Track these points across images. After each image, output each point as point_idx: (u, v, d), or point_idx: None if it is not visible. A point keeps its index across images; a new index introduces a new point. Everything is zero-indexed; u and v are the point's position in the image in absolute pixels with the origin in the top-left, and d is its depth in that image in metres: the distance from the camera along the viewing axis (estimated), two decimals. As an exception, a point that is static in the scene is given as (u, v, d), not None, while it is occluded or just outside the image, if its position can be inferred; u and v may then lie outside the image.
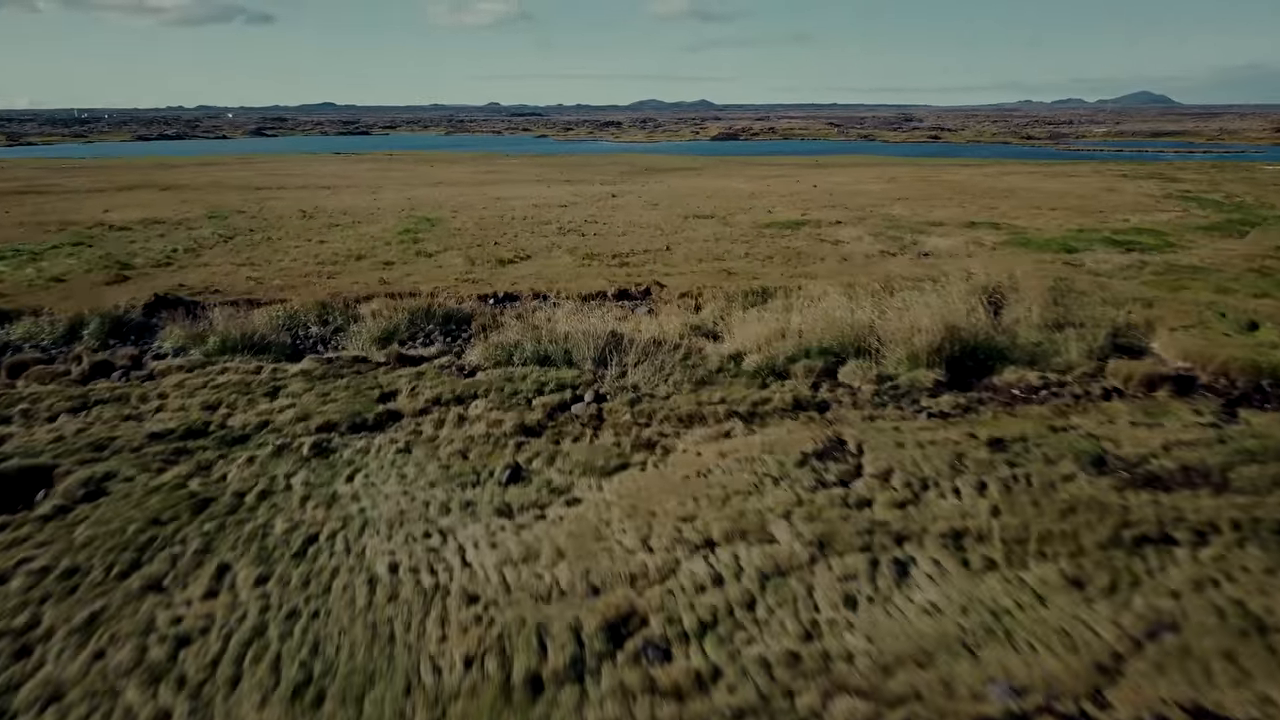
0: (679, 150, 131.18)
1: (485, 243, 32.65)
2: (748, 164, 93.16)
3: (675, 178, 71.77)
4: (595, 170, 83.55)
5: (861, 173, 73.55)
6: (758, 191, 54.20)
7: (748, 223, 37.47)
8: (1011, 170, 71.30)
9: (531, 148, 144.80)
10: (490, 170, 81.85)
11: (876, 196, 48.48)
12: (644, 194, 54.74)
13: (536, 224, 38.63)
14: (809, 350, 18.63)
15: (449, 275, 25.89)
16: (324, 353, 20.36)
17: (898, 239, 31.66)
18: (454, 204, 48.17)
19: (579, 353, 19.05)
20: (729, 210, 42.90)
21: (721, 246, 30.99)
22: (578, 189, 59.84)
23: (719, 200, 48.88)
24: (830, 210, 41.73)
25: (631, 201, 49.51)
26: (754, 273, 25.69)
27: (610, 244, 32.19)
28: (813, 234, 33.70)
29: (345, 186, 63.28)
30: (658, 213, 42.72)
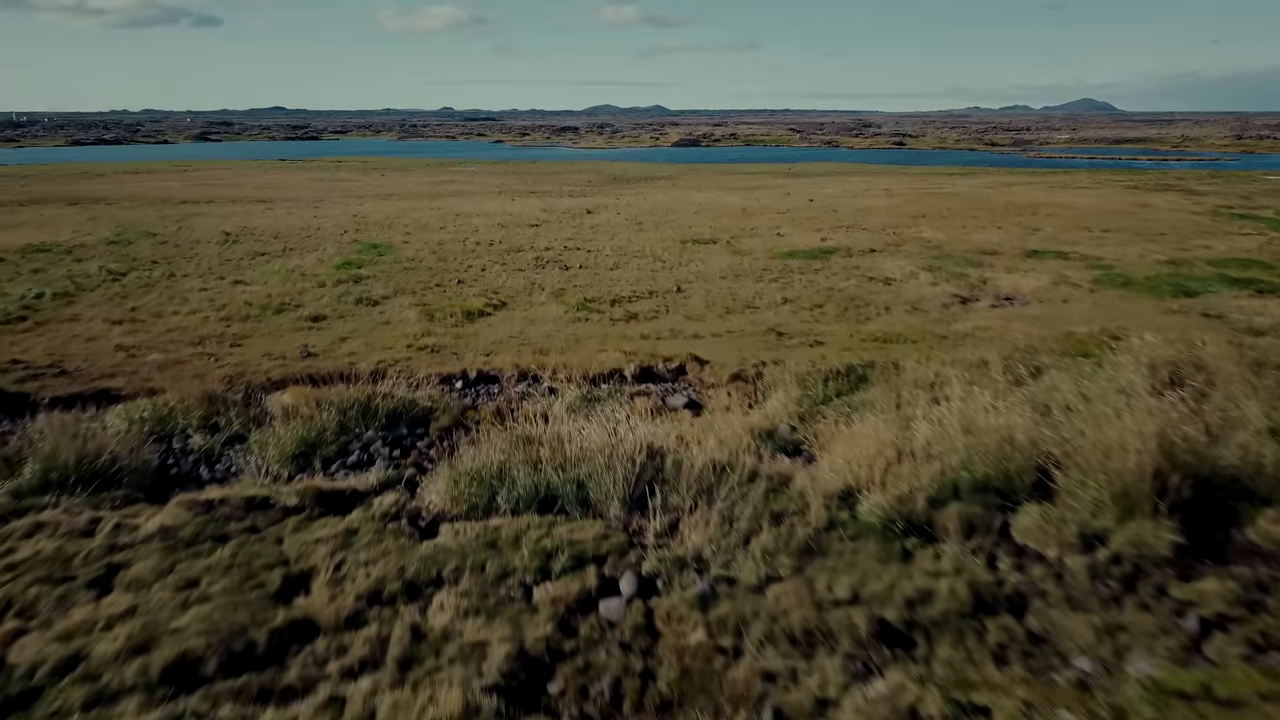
0: (642, 157, 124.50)
1: (446, 281, 25.54)
2: (720, 172, 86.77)
3: (650, 189, 64.97)
4: (561, 180, 76.46)
5: (849, 183, 67.46)
6: (750, 207, 47.63)
7: (762, 250, 30.81)
8: (1012, 181, 65.71)
9: (488, 154, 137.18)
10: (446, 180, 74.37)
11: (889, 214, 42.20)
12: (623, 209, 47.91)
13: (508, 251, 31.58)
14: (957, 485, 11.93)
15: (399, 339, 18.76)
16: (206, 482, 13.18)
17: (959, 276, 25.21)
18: (407, 223, 40.86)
19: (600, 488, 12.14)
20: (731, 232, 36.24)
21: (746, 287, 24.25)
22: (546, 203, 52.81)
23: (712, 218, 42.22)
24: (849, 233, 35.28)
25: (612, 219, 42.63)
26: (810, 332, 18.97)
27: (604, 282, 25.30)
28: (849, 267, 27.12)
29: (283, 200, 55.50)
30: (648, 236, 35.91)
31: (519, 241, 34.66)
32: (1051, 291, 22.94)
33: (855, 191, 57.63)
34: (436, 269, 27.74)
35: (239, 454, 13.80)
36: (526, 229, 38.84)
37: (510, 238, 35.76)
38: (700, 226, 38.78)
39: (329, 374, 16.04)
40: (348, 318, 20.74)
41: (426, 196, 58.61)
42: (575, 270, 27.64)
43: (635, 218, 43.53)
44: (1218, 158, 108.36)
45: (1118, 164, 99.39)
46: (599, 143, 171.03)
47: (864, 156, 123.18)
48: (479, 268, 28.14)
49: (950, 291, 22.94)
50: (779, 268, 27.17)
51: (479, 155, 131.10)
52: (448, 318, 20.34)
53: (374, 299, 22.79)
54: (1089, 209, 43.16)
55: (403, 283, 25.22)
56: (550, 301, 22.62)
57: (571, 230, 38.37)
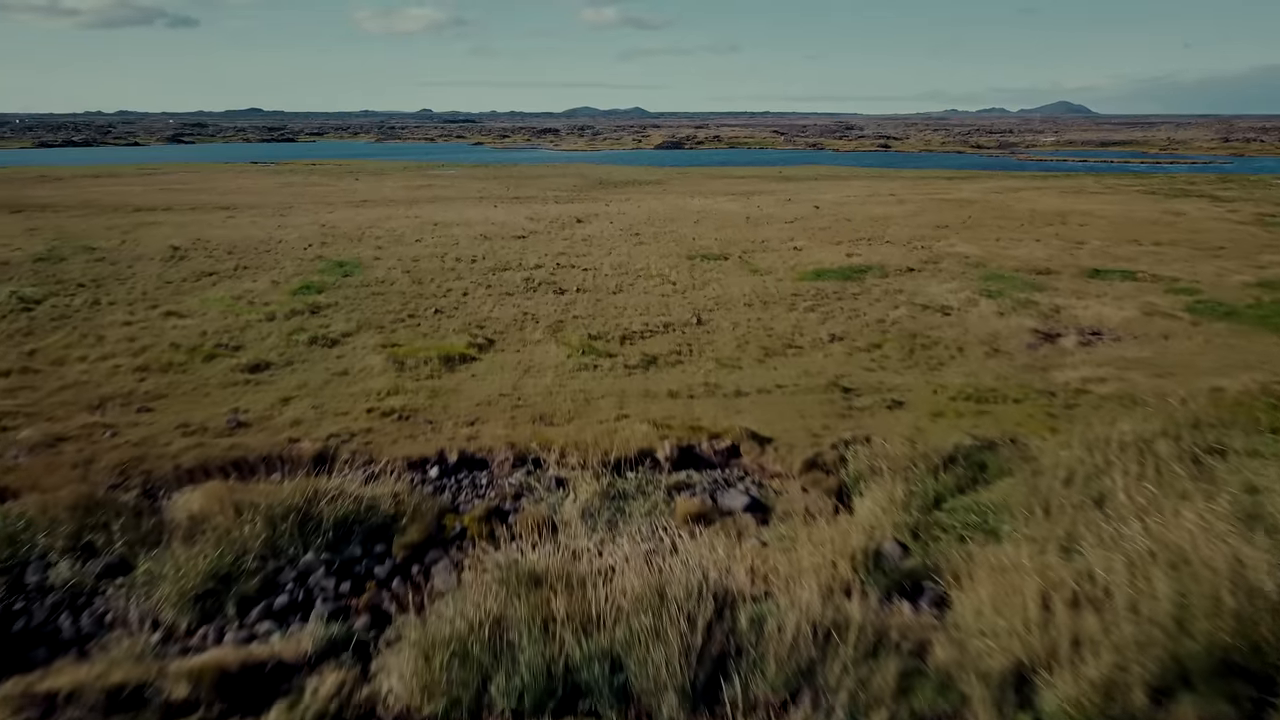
0: (626, 160, 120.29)
1: (420, 311, 21.31)
2: (710, 176, 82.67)
3: (641, 194, 60.80)
4: (545, 184, 72.12)
5: (849, 188, 63.60)
6: (754, 215, 43.59)
7: (784, 269, 26.77)
8: (1019, 186, 62.10)
9: (467, 156, 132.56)
10: (424, 185, 69.82)
11: (908, 223, 38.31)
12: (616, 218, 43.75)
13: (493, 270, 27.35)
14: (1183, 663, 7.94)
15: (358, 398, 14.51)
16: (66, 643, 8.97)
17: (1027, 304, 21.24)
18: (379, 234, 36.50)
19: (646, 670, 8.01)
20: (741, 245, 32.17)
21: (780, 318, 20.17)
22: (532, 210, 48.55)
23: (715, 229, 38.16)
24: (874, 247, 31.30)
25: (606, 230, 38.46)
26: (880, 386, 14.90)
27: (608, 311, 21.17)
28: (891, 291, 23.13)
29: (248, 207, 50.89)
30: (649, 250, 31.78)
31: (505, 257, 30.42)
32: (1145, 324, 19.01)
33: (860, 197, 53.76)
34: (410, 294, 23.47)
35: (120, 592, 9.57)
36: (513, 241, 34.59)
37: (495, 252, 31.51)
38: (705, 239, 34.69)
39: (261, 458, 11.80)
40: (296, 365, 16.42)
41: (403, 203, 54.18)
42: (572, 295, 23.48)
43: (631, 227, 39.41)
44: (1210, 160, 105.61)
45: (1113, 167, 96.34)
46: (580, 145, 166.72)
47: (852, 159, 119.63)
48: (460, 292, 23.90)
49: (1027, 325, 18.95)
50: (810, 292, 23.13)
51: (458, 158, 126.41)
52: (421, 366, 16.09)
53: (332, 337, 18.48)
54: (1120, 218, 39.46)
55: (369, 313, 20.93)
56: (547, 339, 18.43)
57: (563, 243, 34.18)
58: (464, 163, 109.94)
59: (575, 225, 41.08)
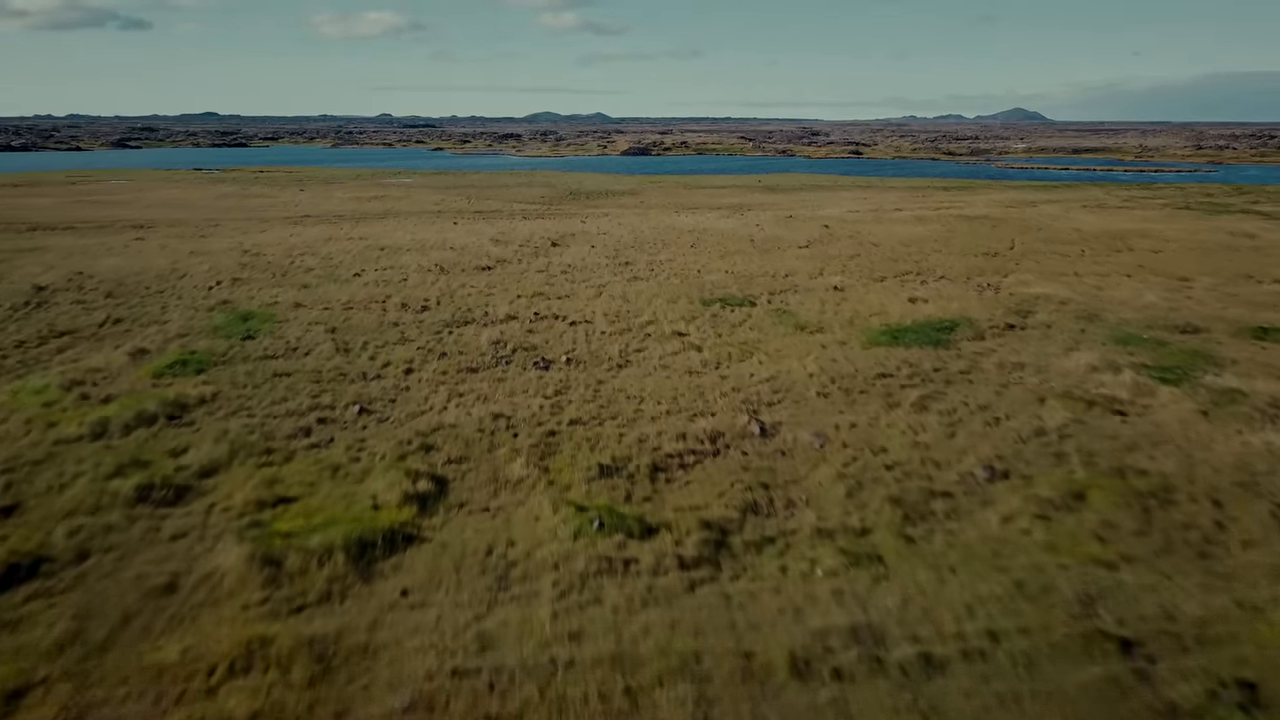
0: (593, 167, 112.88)
1: (337, 411, 13.99)
2: (688, 186, 75.56)
3: (618, 208, 53.54)
4: (511, 195, 64.53)
5: (845, 200, 56.87)
6: (759, 238, 36.61)
7: (839, 324, 19.79)
8: (1031, 199, 55.89)
9: (426, 163, 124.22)
10: (377, 195, 61.83)
11: (948, 250, 31.62)
12: (596, 239, 36.56)
13: (448, 326, 20.04)
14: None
15: (161, 680, 7.28)
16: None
17: (1226, 395, 14.46)
18: (311, 266, 28.91)
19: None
20: (765, 283, 25.09)
21: (883, 425, 13.09)
22: (498, 228, 41.16)
23: (720, 256, 31.11)
24: (932, 287, 24.45)
25: (588, 257, 31.25)
26: (1184, 638, 8.01)
27: (617, 404, 14.03)
28: (1009, 367, 16.21)
29: (167, 225, 42.82)
30: (648, 289, 24.65)
31: (467, 302, 23.11)
32: None
33: (866, 213, 47.04)
34: (329, 373, 16.11)
35: None
36: (476, 275, 27.25)
37: (453, 293, 24.17)
38: (713, 271, 27.66)
39: None
40: (88, 570, 9.04)
41: (349, 219, 46.44)
42: (561, 370, 16.34)
43: (617, 253, 32.29)
44: (1194, 169, 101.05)
45: (1101, 176, 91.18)
46: (544, 151, 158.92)
47: (826, 166, 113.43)
48: (401, 367, 16.60)
49: (1273, 444, 12.17)
50: (899, 367, 16.14)
51: (417, 164, 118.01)
52: (313, 568, 8.82)
53: (179, 483, 11.05)
54: (1188, 240, 33.17)
55: (258, 418, 13.53)
56: (532, 480, 11.22)
57: (538, 277, 26.96)
58: (422, 170, 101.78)
59: (551, 250, 33.84)
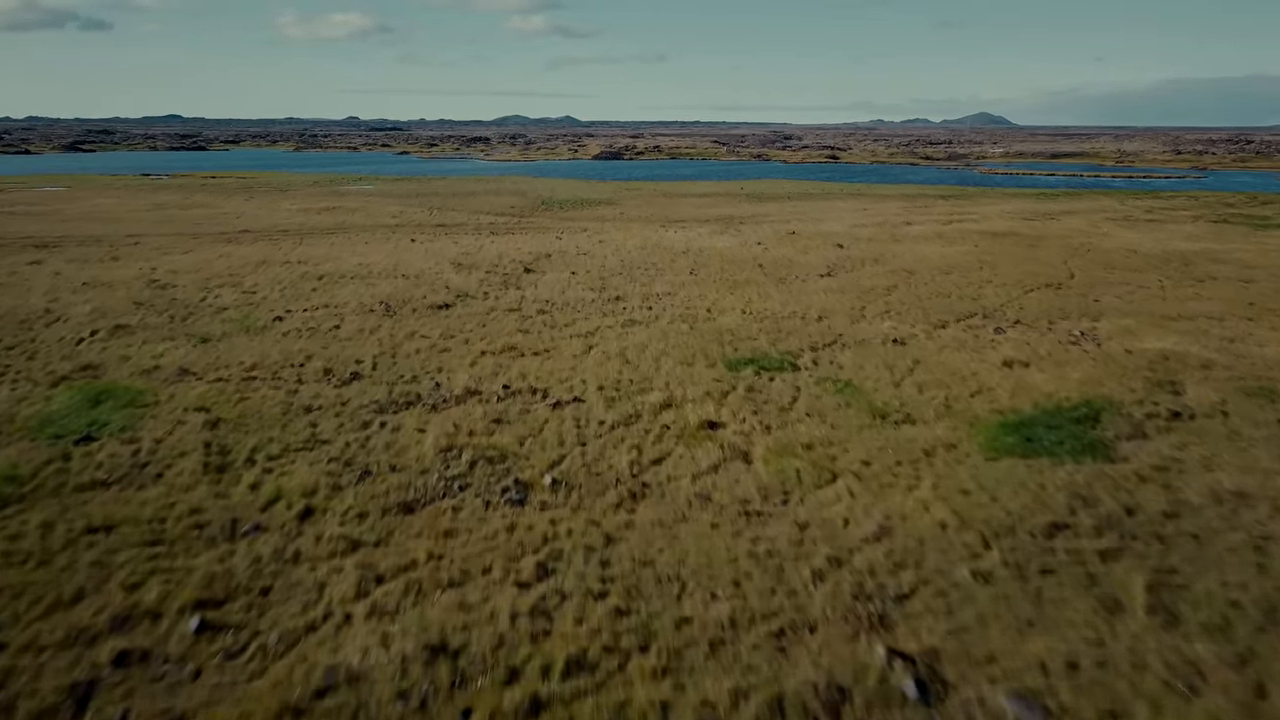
0: (565, 172, 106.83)
1: (169, 601, 8.08)
2: (668, 194, 69.71)
3: (596, 219, 47.57)
4: (478, 204, 58.35)
5: (845, 212, 51.40)
6: (766, 261, 30.91)
7: (928, 406, 14.17)
8: (1044, 210, 50.75)
9: (390, 167, 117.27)
10: (330, 206, 55.33)
11: (1001, 280, 26.12)
12: (576, 261, 30.72)
13: (381, 412, 14.05)
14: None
15: None
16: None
17: None
18: (227, 304, 22.68)
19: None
20: (799, 331, 19.38)
21: (1152, 681, 7.58)
22: (463, 247, 35.16)
23: (731, 288, 25.38)
24: (1015, 338, 18.91)
25: (569, 288, 25.39)
26: None
27: (646, 617, 8.35)
28: (1224, 497, 10.69)
29: (78, 243, 36.23)
30: (650, 337, 18.80)
31: (412, 364, 17.17)
32: None
33: (874, 227, 41.52)
34: (177, 525, 10.08)
35: None
36: (429, 318, 21.30)
37: (396, 349, 18.21)
38: (727, 310, 21.95)
39: None
40: None
41: (292, 235, 40.14)
42: (544, 509, 10.59)
43: (603, 282, 26.50)
44: (1183, 175, 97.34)
45: (1095, 183, 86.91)
46: (513, 155, 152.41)
47: (803, 172, 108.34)
48: (295, 508, 10.64)
49: None
50: (1078, 511, 10.43)
51: (380, 169, 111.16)
52: None
53: None
54: (1275, 268, 28.12)
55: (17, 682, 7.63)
56: None
57: (510, 320, 21.10)
58: (385, 175, 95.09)
59: (524, 277, 27.95)
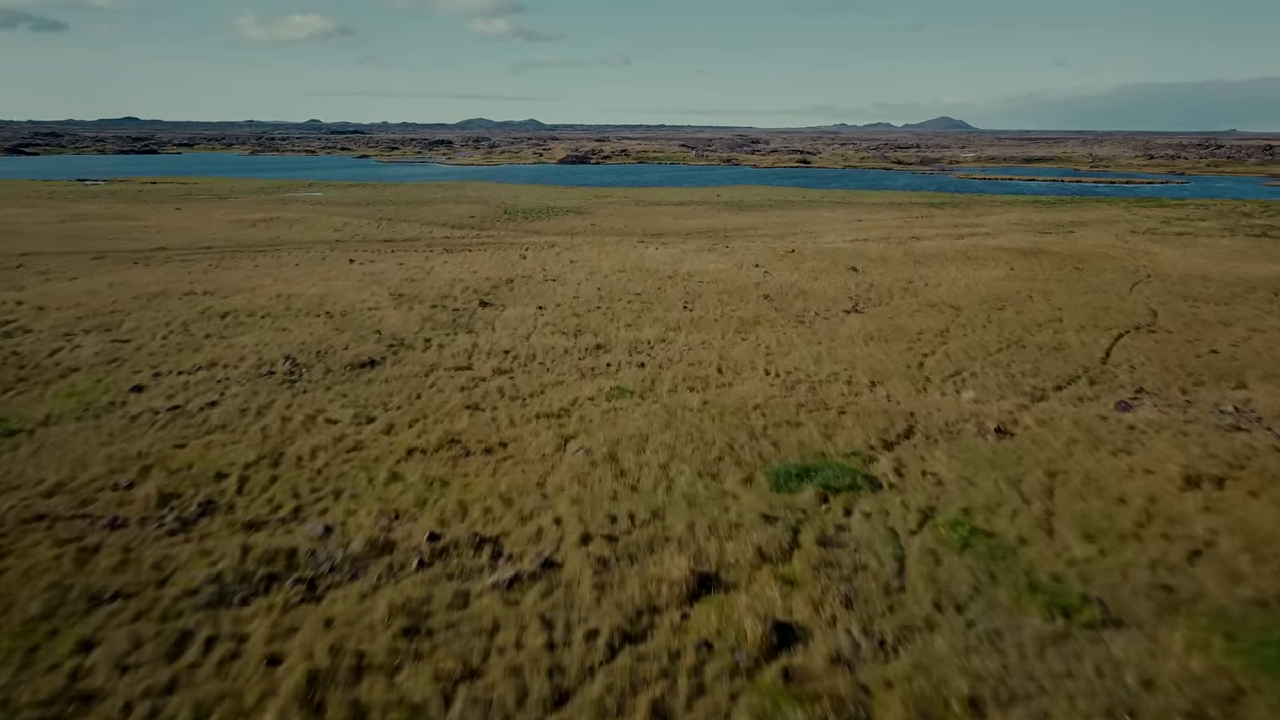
0: (530, 176, 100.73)
1: None
2: (640, 201, 63.96)
3: (566, 232, 41.71)
4: (433, 214, 52.23)
5: (840, 224, 46.18)
6: (776, 292, 25.42)
7: (1153, 603, 8.93)
8: (1059, 220, 45.88)
9: (346, 173, 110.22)
10: (268, 217, 48.85)
11: (1066, 315, 20.89)
12: (544, 291, 25.03)
13: (221, 595, 8.52)
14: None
15: None
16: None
17: None
18: (77, 357, 16.52)
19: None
20: (861, 411, 13.82)
21: None
22: (407, 270, 29.30)
23: (740, 331, 19.83)
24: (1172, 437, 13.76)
25: (537, 334, 19.64)
26: None
27: None
28: None
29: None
30: (655, 428, 13.12)
31: (296, 486, 11.31)
32: None
33: (884, 246, 36.24)
34: None
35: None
36: (346, 388, 15.44)
37: (285, 450, 12.37)
38: (746, 371, 16.42)
39: None
40: None
41: (213, 254, 33.91)
42: None
43: (579, 321, 20.88)
44: (1165, 180, 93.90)
45: (1080, 189, 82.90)
46: (476, 159, 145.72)
47: (776, 177, 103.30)
48: None
49: None
50: None
51: (334, 174, 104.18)
52: None
53: None
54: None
55: None
56: None
57: (456, 386, 15.37)
58: (338, 181, 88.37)
59: (478, 314, 22.20)
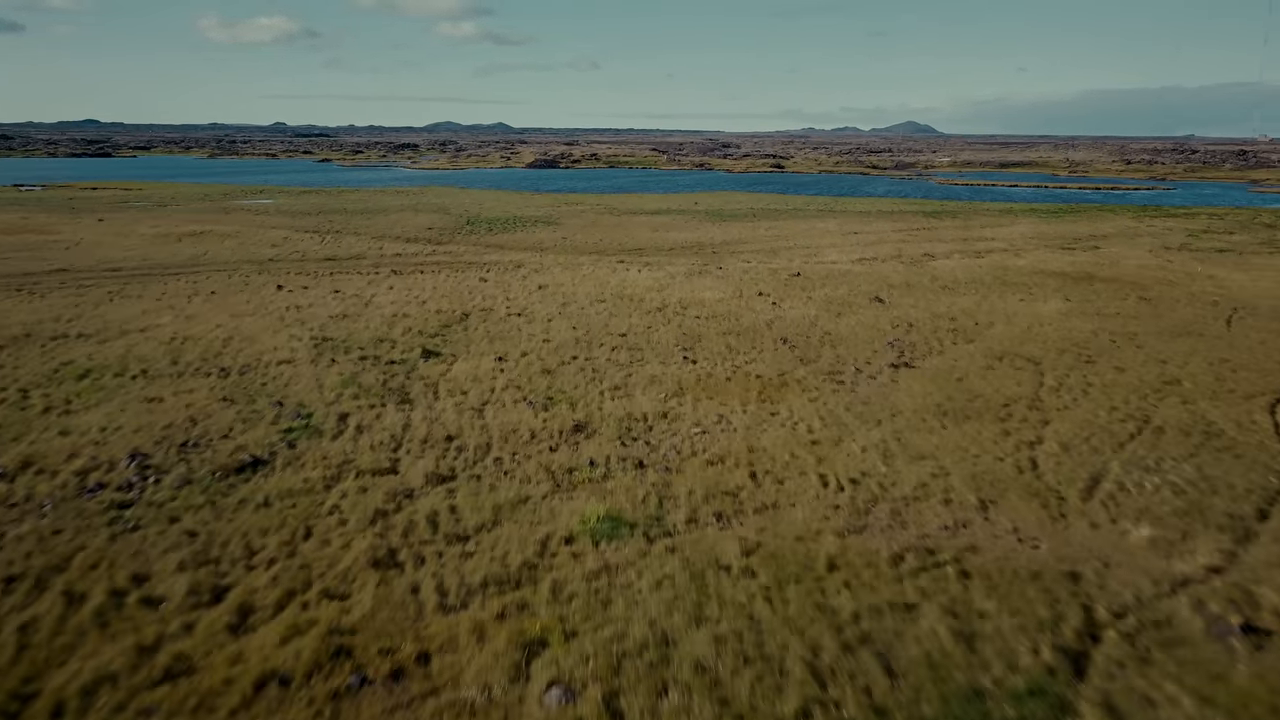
0: (496, 181, 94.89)
1: None
2: (615, 210, 58.48)
3: (534, 251, 36.08)
4: (385, 224, 46.34)
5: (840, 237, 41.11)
6: (794, 333, 20.21)
7: None
8: (1082, 235, 41.32)
9: (303, 177, 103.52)
10: (199, 230, 42.72)
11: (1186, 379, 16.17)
12: (510, 335, 19.57)
13: None
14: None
15: None
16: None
17: None
18: None
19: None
20: (1015, 563, 8.87)
21: None
22: (344, 301, 23.71)
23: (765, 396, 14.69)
24: None
25: (494, 403, 14.21)
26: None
27: None
28: None
29: None
30: (681, 630, 8.21)
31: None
32: None
33: (891, 261, 31.26)
34: None
35: None
36: (200, 516, 10.17)
37: (41, 710, 7.12)
38: (793, 480, 11.32)
39: None
40: None
41: (118, 279, 28.05)
42: None
43: (551, 383, 15.52)
44: (1151, 186, 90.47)
45: (1066, 195, 78.97)
46: (442, 163, 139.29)
47: (750, 183, 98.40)
48: None
49: None
50: None
51: (290, 179, 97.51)
52: None
53: None
54: None
55: None
56: None
57: (366, 515, 10.12)
58: (293, 186, 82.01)
59: (418, 370, 16.78)
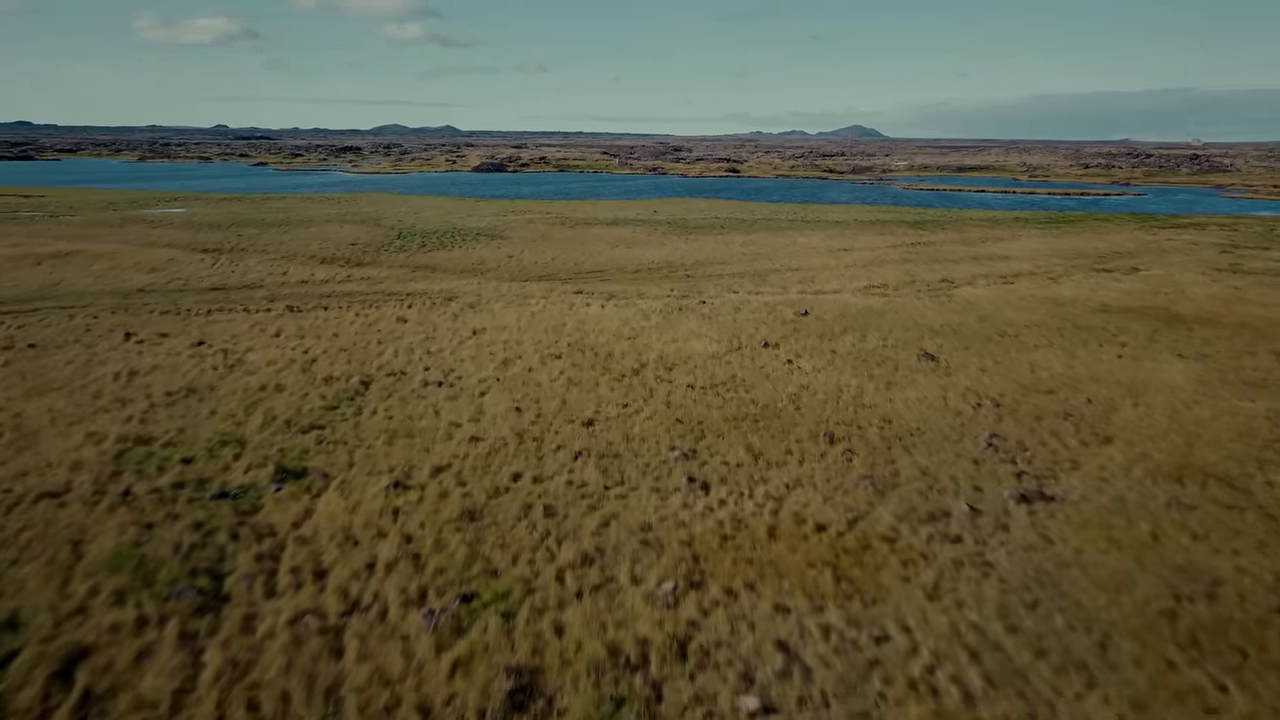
0: (439, 187, 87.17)
1: None
2: (568, 220, 51.58)
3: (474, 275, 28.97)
4: (304, 239, 38.76)
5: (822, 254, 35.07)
6: (853, 407, 13.92)
7: None
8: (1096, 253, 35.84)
9: (231, 182, 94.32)
10: (71, 250, 34.75)
11: None
12: (420, 424, 12.63)
13: None
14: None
15: None
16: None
17: None
18: None
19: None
20: None
21: None
22: (209, 353, 16.23)
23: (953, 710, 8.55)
24: None
25: (371, 615, 7.92)
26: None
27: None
28: None
29: None
30: None
31: None
32: None
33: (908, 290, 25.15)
34: None
35: None
36: None
37: None
38: None
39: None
40: None
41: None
42: None
43: (478, 532, 9.02)
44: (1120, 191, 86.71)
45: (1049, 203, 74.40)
46: (385, 166, 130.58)
47: (705, 188, 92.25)
48: None
49: None
50: None
51: (213, 185, 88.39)
52: None
53: None
54: None
55: None
56: None
57: None
58: (214, 193, 73.43)
59: (266, 512, 10.05)
